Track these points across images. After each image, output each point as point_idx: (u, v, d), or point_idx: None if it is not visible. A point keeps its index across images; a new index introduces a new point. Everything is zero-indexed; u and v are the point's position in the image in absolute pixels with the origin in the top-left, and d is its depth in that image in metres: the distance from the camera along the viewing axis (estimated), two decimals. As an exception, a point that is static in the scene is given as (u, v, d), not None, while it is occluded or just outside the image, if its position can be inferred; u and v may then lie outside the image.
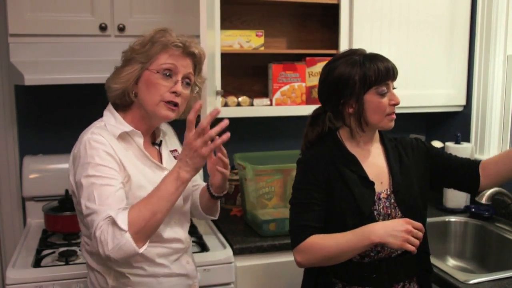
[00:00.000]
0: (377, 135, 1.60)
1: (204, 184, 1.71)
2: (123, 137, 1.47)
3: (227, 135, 1.35)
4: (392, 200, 1.53)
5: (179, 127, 1.80)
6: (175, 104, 1.47)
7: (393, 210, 1.53)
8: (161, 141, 1.62)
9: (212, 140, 1.35)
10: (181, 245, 1.56)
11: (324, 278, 1.53)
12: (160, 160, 1.57)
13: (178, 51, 1.45)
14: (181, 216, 1.59)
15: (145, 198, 1.35)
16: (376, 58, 1.50)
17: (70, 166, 1.46)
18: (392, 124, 1.53)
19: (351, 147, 1.55)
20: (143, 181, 1.45)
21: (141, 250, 1.31)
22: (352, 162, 1.53)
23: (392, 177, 1.55)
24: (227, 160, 1.57)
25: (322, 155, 1.53)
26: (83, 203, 1.36)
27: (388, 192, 1.54)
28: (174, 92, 1.45)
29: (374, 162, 1.57)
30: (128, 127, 1.48)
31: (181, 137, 1.78)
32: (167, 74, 1.45)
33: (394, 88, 1.52)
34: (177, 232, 1.55)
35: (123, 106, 1.52)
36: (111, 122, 1.48)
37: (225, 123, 1.34)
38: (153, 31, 1.47)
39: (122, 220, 1.28)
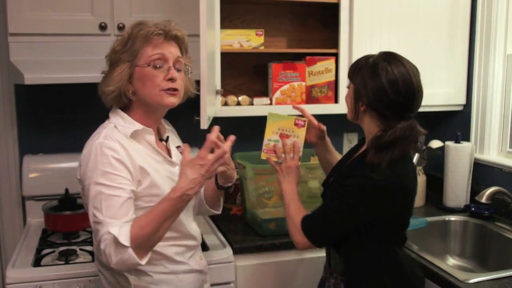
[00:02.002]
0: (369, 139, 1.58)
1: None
2: (135, 136, 1.48)
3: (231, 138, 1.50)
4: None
5: (179, 126, 1.81)
6: (174, 89, 1.48)
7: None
8: (167, 136, 1.63)
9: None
10: (194, 242, 1.60)
11: None
12: (169, 156, 1.59)
13: (160, 39, 1.46)
14: (193, 211, 1.64)
15: (147, 213, 1.36)
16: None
17: (78, 168, 1.46)
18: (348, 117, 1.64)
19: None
20: (158, 179, 1.46)
21: (144, 262, 1.34)
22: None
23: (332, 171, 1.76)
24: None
25: None
26: (90, 210, 1.37)
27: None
28: (170, 79, 1.47)
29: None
30: (139, 126, 1.49)
31: (181, 135, 1.79)
32: (158, 65, 1.46)
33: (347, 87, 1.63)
34: (193, 228, 1.59)
35: (124, 108, 1.53)
36: (120, 122, 1.48)
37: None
38: (130, 27, 1.49)
39: (125, 237, 1.30)
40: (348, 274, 1.60)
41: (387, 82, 1.49)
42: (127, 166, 1.39)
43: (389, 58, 1.54)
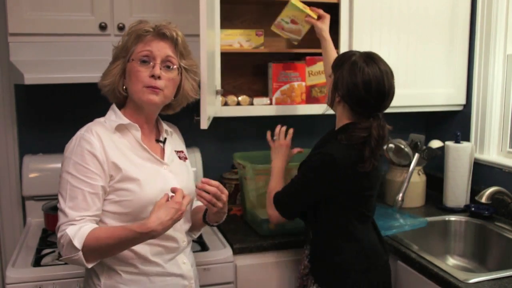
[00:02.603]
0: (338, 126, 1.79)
1: (201, 204, 1.69)
2: (121, 130, 1.51)
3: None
4: None
5: (179, 126, 1.81)
6: (156, 87, 1.49)
7: None
8: (165, 138, 1.63)
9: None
10: (175, 244, 1.55)
11: None
12: (162, 157, 1.58)
13: (149, 35, 1.49)
14: (184, 215, 1.58)
15: (108, 230, 1.39)
16: None
17: None
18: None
19: None
20: (135, 173, 1.47)
21: (90, 266, 1.39)
22: None
23: None
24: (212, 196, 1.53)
25: None
26: (58, 195, 1.43)
27: None
28: (152, 76, 1.48)
29: None
30: (125, 120, 1.52)
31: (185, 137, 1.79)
32: (144, 60, 1.48)
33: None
34: (176, 229, 1.54)
35: (121, 104, 1.58)
36: (112, 117, 1.54)
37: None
38: (129, 25, 1.54)
39: (79, 241, 1.34)
40: (313, 243, 1.78)
41: (361, 82, 1.64)
42: (100, 160, 1.43)
43: (368, 59, 1.67)
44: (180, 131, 1.79)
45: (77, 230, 1.35)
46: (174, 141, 1.69)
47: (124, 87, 1.54)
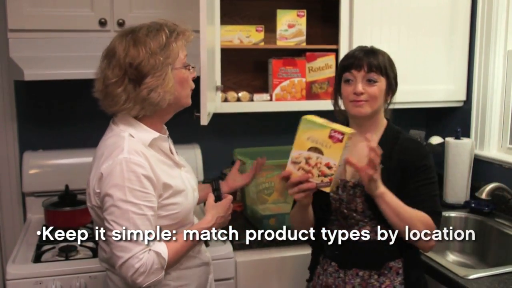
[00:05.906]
0: (381, 126, 1.62)
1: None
2: (150, 144, 1.45)
3: None
4: (357, 191, 1.55)
5: (179, 122, 1.81)
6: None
7: (354, 201, 1.57)
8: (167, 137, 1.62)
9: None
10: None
11: (316, 253, 1.75)
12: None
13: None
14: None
15: (183, 244, 1.43)
16: (360, 50, 1.59)
17: (95, 180, 1.39)
18: (357, 110, 1.56)
19: None
20: (179, 184, 1.48)
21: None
22: None
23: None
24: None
25: None
26: (114, 226, 1.34)
27: (357, 183, 1.56)
28: (193, 77, 1.51)
29: (360, 151, 1.49)
30: (155, 133, 1.45)
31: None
32: (187, 66, 1.48)
33: (371, 81, 1.54)
34: None
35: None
36: (131, 130, 1.43)
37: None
38: (166, 31, 1.42)
39: (164, 261, 1.37)
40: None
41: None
42: (153, 182, 1.38)
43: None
44: (180, 127, 1.79)
45: (154, 253, 1.35)
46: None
47: None
